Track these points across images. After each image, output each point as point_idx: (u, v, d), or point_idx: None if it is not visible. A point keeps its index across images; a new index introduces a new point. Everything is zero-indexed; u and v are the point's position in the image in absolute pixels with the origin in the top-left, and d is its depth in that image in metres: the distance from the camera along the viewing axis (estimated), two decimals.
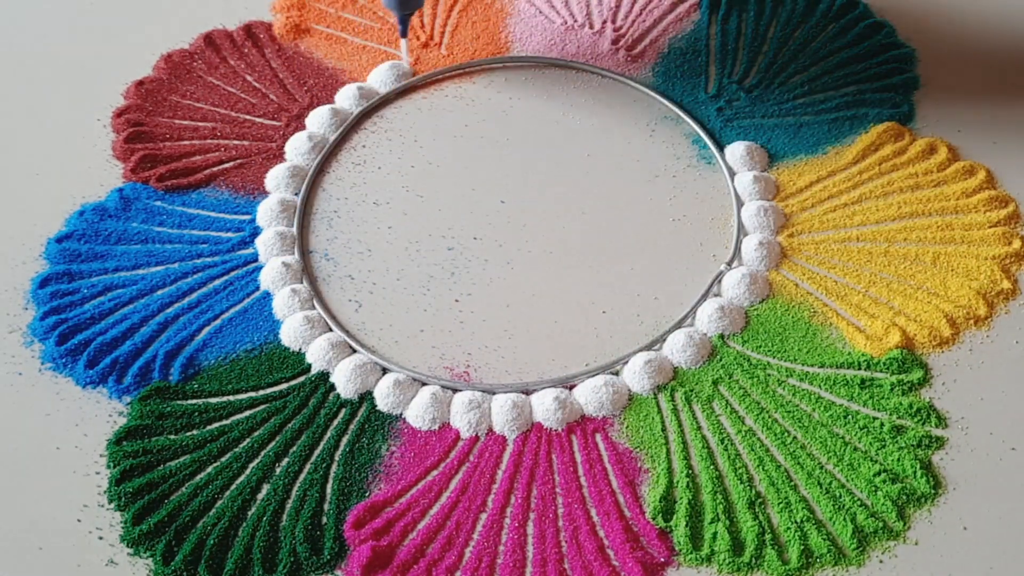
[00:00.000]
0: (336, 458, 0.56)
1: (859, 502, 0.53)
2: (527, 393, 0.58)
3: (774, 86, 0.73)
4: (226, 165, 0.70)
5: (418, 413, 0.57)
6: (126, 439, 0.56)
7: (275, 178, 0.69)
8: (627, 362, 0.59)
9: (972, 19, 0.78)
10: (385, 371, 0.59)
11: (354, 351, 0.60)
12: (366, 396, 0.58)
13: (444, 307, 0.62)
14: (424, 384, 0.59)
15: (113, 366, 0.59)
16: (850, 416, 0.56)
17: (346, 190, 0.69)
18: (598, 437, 0.56)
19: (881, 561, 0.51)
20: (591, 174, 0.69)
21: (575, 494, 0.54)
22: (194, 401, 0.58)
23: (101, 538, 0.52)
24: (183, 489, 0.54)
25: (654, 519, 0.52)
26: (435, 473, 0.55)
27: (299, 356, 0.60)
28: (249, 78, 0.75)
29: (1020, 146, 0.69)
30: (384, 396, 0.58)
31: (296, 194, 0.68)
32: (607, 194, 0.68)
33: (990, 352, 0.59)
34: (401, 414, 0.57)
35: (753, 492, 0.53)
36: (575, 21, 0.79)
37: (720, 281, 0.62)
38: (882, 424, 0.56)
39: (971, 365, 0.59)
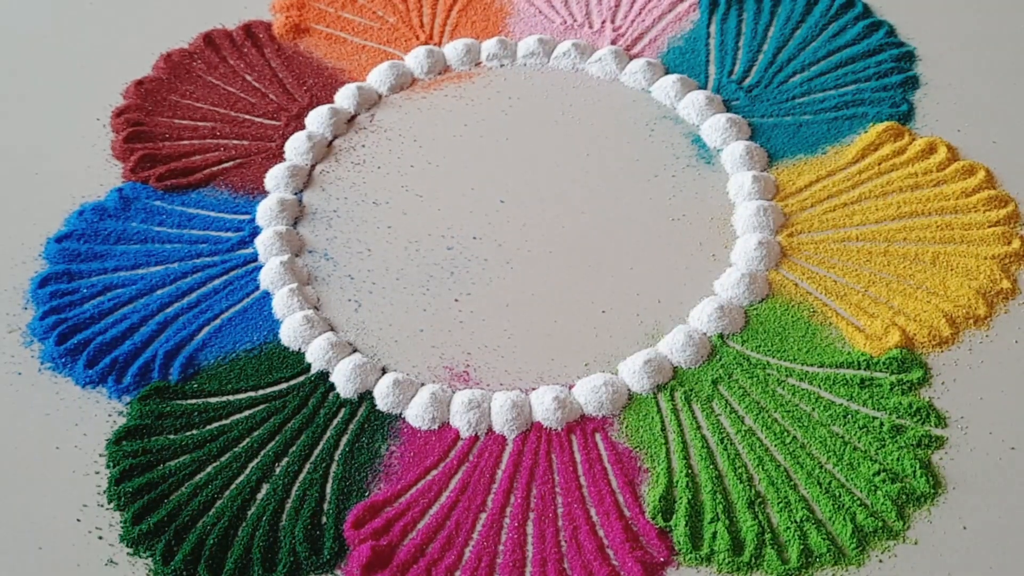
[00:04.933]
0: (336, 458, 0.56)
1: (859, 502, 0.53)
2: (526, 392, 0.58)
3: (773, 85, 0.73)
4: (226, 165, 0.70)
5: (418, 413, 0.57)
6: (125, 439, 0.56)
7: (275, 178, 0.69)
8: (627, 362, 0.59)
9: (971, 18, 0.78)
10: (384, 370, 0.59)
11: (355, 351, 0.60)
12: (366, 396, 0.58)
13: (444, 307, 0.62)
14: (423, 384, 0.59)
15: (112, 366, 0.59)
16: (850, 416, 0.56)
17: (346, 190, 0.69)
18: (598, 437, 0.56)
19: (881, 561, 0.51)
20: (591, 174, 0.69)
21: (575, 494, 0.54)
22: (193, 401, 0.58)
23: (101, 538, 0.52)
24: (183, 489, 0.54)
25: (654, 519, 0.52)
26: (435, 473, 0.55)
27: (299, 356, 0.60)
28: (248, 78, 0.75)
29: (1020, 146, 0.69)
30: (384, 396, 0.58)
31: (296, 194, 0.68)
32: (607, 194, 0.68)
33: (990, 352, 0.59)
34: (401, 414, 0.57)
35: (753, 492, 0.53)
36: (574, 20, 0.79)
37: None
38: (882, 424, 0.56)
39: (971, 365, 0.58)
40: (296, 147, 0.70)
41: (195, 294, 0.63)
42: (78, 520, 0.53)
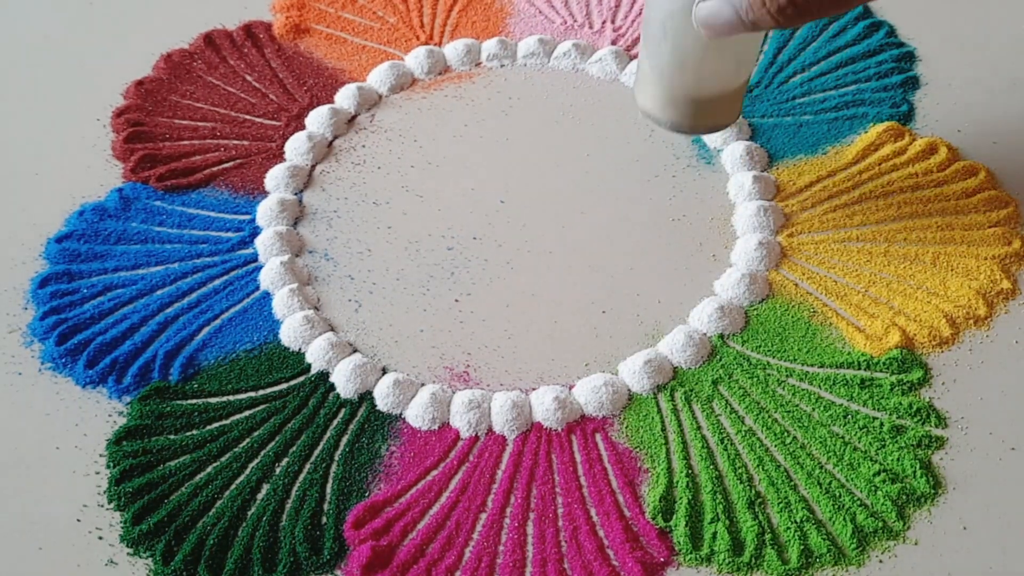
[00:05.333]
0: (336, 458, 0.56)
1: (859, 502, 0.53)
2: (527, 393, 0.58)
3: (773, 86, 0.73)
4: (226, 165, 0.70)
5: (418, 413, 0.57)
6: (126, 439, 0.56)
7: (275, 178, 0.69)
8: (627, 362, 0.59)
9: (972, 18, 0.78)
10: (385, 371, 0.59)
11: (355, 351, 0.60)
12: (366, 396, 0.58)
13: (444, 307, 0.62)
14: (424, 384, 0.59)
15: (113, 366, 0.59)
16: (850, 416, 0.56)
17: (346, 190, 0.69)
18: (598, 437, 0.56)
19: (881, 561, 0.51)
20: (591, 174, 0.69)
21: (575, 494, 0.54)
22: (194, 401, 0.58)
23: (101, 538, 0.52)
24: (183, 489, 0.54)
25: (654, 519, 0.52)
26: (435, 473, 0.55)
27: (299, 356, 0.60)
28: (249, 78, 0.75)
29: (1020, 146, 0.69)
30: (384, 396, 0.58)
31: (296, 194, 0.69)
32: (607, 194, 0.68)
33: (990, 352, 0.59)
34: (401, 414, 0.57)
35: (753, 492, 0.53)
36: (575, 21, 0.79)
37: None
38: (882, 424, 0.56)
39: (971, 365, 0.59)
40: (296, 147, 0.70)
41: (195, 294, 0.63)
42: (78, 520, 0.53)
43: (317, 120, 0.72)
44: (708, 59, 0.56)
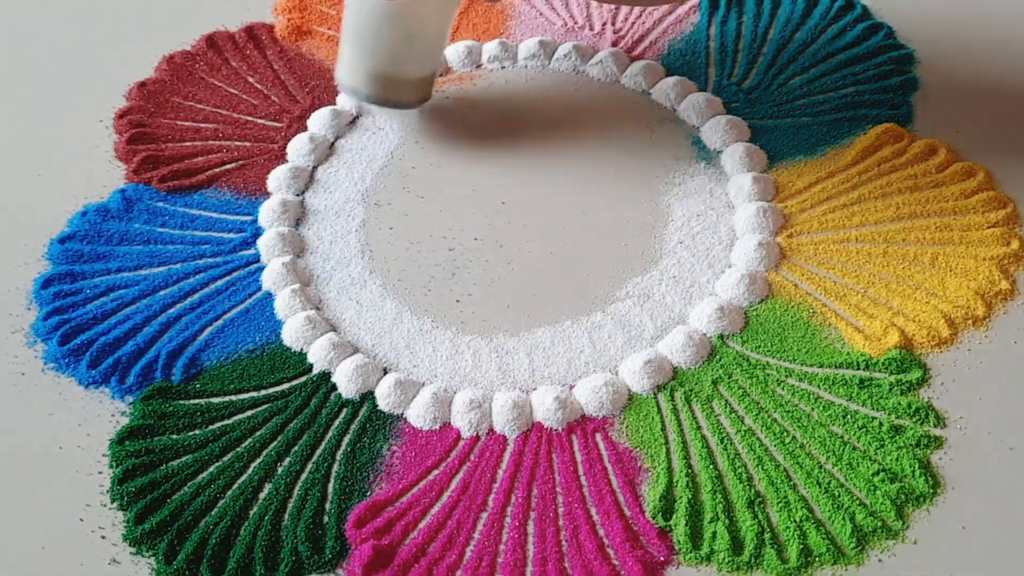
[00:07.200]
0: (337, 457, 0.56)
1: (858, 501, 0.53)
2: (527, 393, 0.58)
3: (773, 88, 0.74)
4: (228, 166, 0.70)
5: (419, 413, 0.57)
6: (128, 439, 0.56)
7: (277, 179, 0.69)
8: (627, 362, 0.59)
9: (971, 20, 0.78)
10: (386, 371, 0.60)
11: (356, 351, 0.60)
12: (367, 396, 0.58)
13: (445, 307, 0.62)
14: (424, 384, 0.59)
15: (115, 366, 0.59)
16: (849, 416, 0.56)
17: (348, 191, 0.69)
18: (598, 437, 0.57)
19: (880, 560, 0.51)
20: (591, 174, 0.69)
21: (575, 493, 0.54)
22: (196, 401, 0.58)
23: (104, 537, 0.53)
24: (185, 488, 0.54)
25: (654, 518, 0.53)
26: (436, 472, 0.55)
27: (300, 356, 0.60)
28: (251, 79, 0.76)
29: (1019, 147, 0.69)
30: (385, 396, 0.58)
31: (298, 195, 0.69)
32: (607, 194, 0.68)
33: (989, 352, 0.59)
34: (402, 414, 0.58)
35: (752, 491, 0.54)
36: (575, 23, 0.79)
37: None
38: (881, 424, 0.56)
39: (970, 365, 0.59)
40: (298, 148, 0.71)
41: (198, 295, 0.63)
42: (81, 520, 0.53)
43: (319, 121, 0.72)
44: (384, 32, 0.63)
